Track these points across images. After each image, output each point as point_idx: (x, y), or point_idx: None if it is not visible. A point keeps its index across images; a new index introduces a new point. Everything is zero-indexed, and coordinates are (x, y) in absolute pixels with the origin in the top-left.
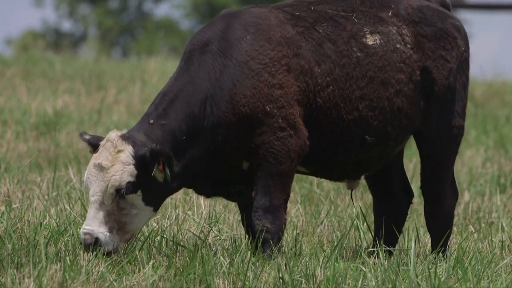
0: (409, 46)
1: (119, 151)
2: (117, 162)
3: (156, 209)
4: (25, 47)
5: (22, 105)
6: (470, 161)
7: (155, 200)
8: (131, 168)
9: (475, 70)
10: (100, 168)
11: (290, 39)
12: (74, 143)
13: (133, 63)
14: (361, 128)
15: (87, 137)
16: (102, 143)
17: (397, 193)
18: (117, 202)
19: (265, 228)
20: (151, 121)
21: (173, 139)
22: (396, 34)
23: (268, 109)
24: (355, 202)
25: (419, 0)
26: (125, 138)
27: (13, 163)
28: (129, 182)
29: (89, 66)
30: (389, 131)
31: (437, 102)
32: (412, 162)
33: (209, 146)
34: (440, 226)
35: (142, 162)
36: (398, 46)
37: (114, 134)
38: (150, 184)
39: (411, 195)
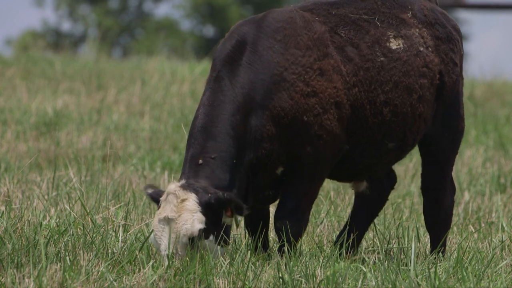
0: (430, 49)
1: (183, 200)
2: (184, 211)
3: (227, 245)
4: (25, 47)
5: (22, 105)
6: (470, 161)
7: (226, 239)
8: (199, 215)
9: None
10: (167, 221)
11: (318, 39)
12: (74, 143)
13: (133, 63)
14: (383, 133)
15: (149, 191)
16: (162, 198)
17: (380, 181)
18: (188, 251)
19: (286, 229)
20: (200, 161)
21: (227, 167)
22: (418, 37)
23: (306, 118)
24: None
25: (428, 1)
26: (185, 187)
27: (13, 163)
28: (200, 230)
29: (89, 66)
30: (408, 137)
31: (444, 105)
32: (412, 162)
33: (252, 161)
34: (440, 225)
35: (208, 209)
36: (421, 49)
37: (173, 186)
38: (220, 227)
39: (394, 181)
